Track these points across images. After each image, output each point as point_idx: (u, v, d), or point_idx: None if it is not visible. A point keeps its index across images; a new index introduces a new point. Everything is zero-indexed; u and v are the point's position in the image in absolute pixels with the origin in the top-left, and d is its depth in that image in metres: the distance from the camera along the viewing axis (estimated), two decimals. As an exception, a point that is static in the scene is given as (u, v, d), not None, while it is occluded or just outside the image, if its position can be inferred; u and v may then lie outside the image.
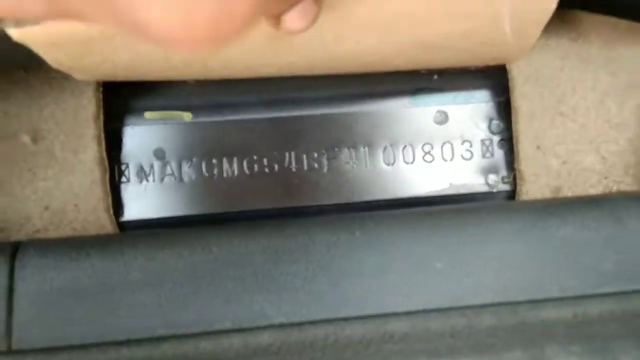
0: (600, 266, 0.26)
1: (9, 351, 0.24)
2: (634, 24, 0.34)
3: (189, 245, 0.26)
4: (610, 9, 0.31)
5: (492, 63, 0.34)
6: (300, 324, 0.24)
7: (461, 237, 0.26)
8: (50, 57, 0.26)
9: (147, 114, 0.35)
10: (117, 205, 0.34)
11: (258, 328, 0.24)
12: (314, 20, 0.23)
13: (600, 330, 0.24)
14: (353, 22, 0.26)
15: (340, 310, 0.24)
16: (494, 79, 0.36)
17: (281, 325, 0.24)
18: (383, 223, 0.27)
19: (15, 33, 0.23)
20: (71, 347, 0.24)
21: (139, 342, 0.24)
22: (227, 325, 0.24)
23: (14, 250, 0.26)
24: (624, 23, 0.34)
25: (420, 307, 0.25)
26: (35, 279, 0.25)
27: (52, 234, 0.33)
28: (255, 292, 0.25)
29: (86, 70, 0.28)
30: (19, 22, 0.23)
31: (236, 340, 0.24)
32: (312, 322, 0.24)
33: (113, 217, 0.34)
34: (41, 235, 0.32)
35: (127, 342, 0.24)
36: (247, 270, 0.25)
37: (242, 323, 0.24)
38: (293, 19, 0.22)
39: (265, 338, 0.24)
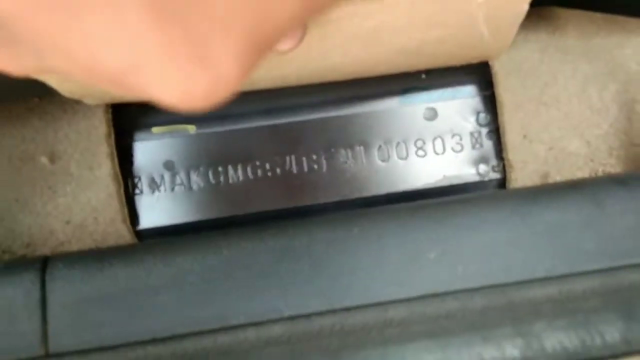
0: (582, 246, 0.28)
1: (47, 355, 0.26)
2: (609, 15, 0.36)
3: (202, 249, 0.28)
4: (582, 3, 0.33)
5: (473, 62, 0.36)
6: (307, 316, 0.26)
7: (451, 228, 0.28)
8: (62, 88, 0.28)
9: (155, 129, 0.37)
10: (133, 216, 0.37)
11: (270, 321, 0.26)
12: (301, 40, 0.25)
13: (583, 305, 0.26)
14: (338, 37, 0.28)
15: (343, 301, 0.27)
16: (479, 74, 0.38)
17: (290, 318, 0.26)
18: (378, 219, 0.29)
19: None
20: (102, 349, 0.26)
21: (163, 340, 0.26)
22: (242, 320, 0.26)
23: (44, 264, 0.29)
24: (598, 15, 0.36)
25: (416, 294, 0.27)
26: (65, 290, 0.27)
27: (75, 245, 0.35)
28: (264, 288, 0.27)
29: (95, 96, 0.30)
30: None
31: (251, 333, 0.26)
32: (318, 313, 0.26)
33: (130, 226, 0.36)
34: (65, 248, 0.35)
35: (153, 341, 0.26)
36: (256, 269, 0.27)
37: (254, 317, 0.26)
38: (282, 41, 0.25)
39: (276, 330, 0.26)
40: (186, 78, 0.13)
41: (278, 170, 0.38)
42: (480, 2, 0.27)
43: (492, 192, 0.37)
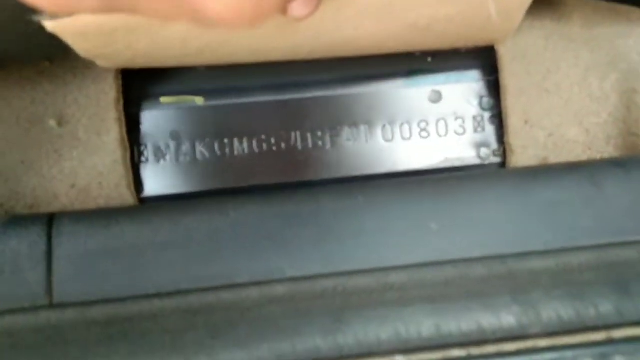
0: (579, 223, 0.29)
1: (51, 305, 0.27)
2: (613, 5, 0.37)
3: (209, 211, 0.29)
4: (588, -10, 0.34)
5: (480, 44, 0.36)
6: (310, 277, 0.27)
7: (454, 201, 0.29)
8: (78, 46, 0.29)
9: (163, 99, 0.38)
10: (138, 183, 0.37)
11: (273, 281, 0.27)
12: (316, 8, 0.25)
13: (579, 278, 0.27)
14: (351, 9, 0.29)
15: (346, 265, 0.27)
16: (484, 59, 0.39)
17: (293, 279, 0.27)
18: (383, 190, 0.30)
19: (49, 25, 0.26)
20: (107, 301, 0.27)
21: (167, 295, 0.26)
22: (246, 279, 0.27)
23: (50, 220, 0.29)
24: (603, 4, 0.37)
25: (417, 262, 0.27)
26: (71, 243, 0.28)
27: (78, 209, 0.36)
28: (270, 250, 0.28)
29: (109, 58, 0.31)
30: (54, 16, 0.26)
31: (254, 292, 0.26)
32: (321, 276, 0.27)
33: (134, 193, 0.36)
34: (70, 210, 0.35)
35: (157, 295, 0.26)
36: (262, 232, 0.28)
37: (258, 277, 0.27)
38: (299, 6, 0.25)
39: (279, 289, 0.27)
40: None
41: (283, 145, 0.38)
42: (490, -19, 0.28)
43: (494, 170, 0.37)
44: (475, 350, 0.26)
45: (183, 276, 0.27)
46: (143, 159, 0.38)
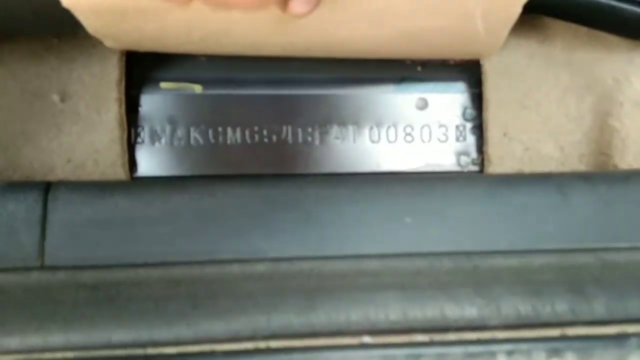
0: (543, 228, 0.31)
1: (42, 267, 0.28)
2: (592, 32, 0.39)
3: (198, 190, 0.30)
4: (569, 15, 0.36)
5: (467, 57, 0.39)
6: (289, 259, 0.29)
7: (429, 199, 0.31)
8: (88, 23, 0.30)
9: (163, 84, 0.40)
10: (132, 163, 0.39)
11: (254, 260, 0.28)
12: (315, 6, 0.27)
13: (539, 277, 0.29)
14: (348, 13, 0.31)
15: (324, 250, 0.29)
16: (470, 73, 0.41)
17: (274, 259, 0.29)
18: (364, 184, 0.32)
19: (65, 0, 0.28)
20: (95, 266, 0.28)
21: (154, 265, 0.28)
22: (229, 256, 0.28)
23: (47, 187, 0.30)
24: (583, 30, 0.39)
25: (390, 252, 0.29)
26: (65, 210, 0.29)
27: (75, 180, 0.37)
28: (253, 231, 0.29)
29: (117, 37, 0.33)
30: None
31: (236, 268, 0.28)
32: (300, 258, 0.29)
33: (128, 172, 0.38)
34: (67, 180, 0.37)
35: (144, 265, 0.28)
36: (247, 213, 0.30)
37: (241, 255, 0.29)
38: (298, 3, 0.27)
39: (259, 268, 0.28)
40: None
41: (274, 138, 0.40)
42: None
43: (470, 174, 0.39)
44: (437, 337, 0.27)
45: (170, 249, 0.29)
46: (139, 140, 0.39)
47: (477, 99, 0.41)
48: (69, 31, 0.37)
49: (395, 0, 0.30)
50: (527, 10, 0.31)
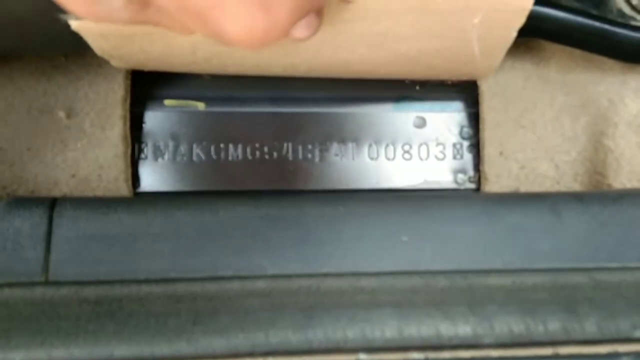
0: (537, 247, 0.31)
1: (47, 282, 0.29)
2: (587, 54, 0.40)
3: (200, 208, 0.31)
4: (564, 38, 0.37)
5: (464, 78, 0.40)
6: (289, 276, 0.29)
7: (425, 217, 0.32)
8: (96, 45, 0.31)
9: (167, 102, 0.41)
10: (135, 178, 0.39)
11: (254, 276, 0.29)
12: (316, 31, 0.28)
13: (532, 296, 0.30)
14: (348, 36, 0.32)
15: (322, 268, 0.30)
16: (467, 92, 0.42)
17: (273, 276, 0.29)
18: (363, 202, 0.33)
19: (75, 24, 0.28)
20: (98, 282, 0.29)
21: (155, 281, 0.29)
22: (229, 272, 0.29)
23: (52, 203, 0.31)
24: (578, 52, 0.40)
25: (387, 270, 0.30)
26: (70, 227, 0.30)
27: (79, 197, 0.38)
28: (253, 248, 0.30)
29: (123, 58, 0.34)
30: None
31: (236, 285, 0.29)
32: (299, 275, 0.29)
33: (131, 187, 0.39)
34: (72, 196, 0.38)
35: (146, 281, 0.29)
36: (247, 231, 0.30)
37: (241, 272, 0.29)
38: (300, 28, 0.28)
39: (259, 284, 0.29)
40: (252, 19, 0.17)
41: (275, 155, 0.41)
42: (475, 23, 0.31)
43: (466, 193, 0.40)
44: (432, 354, 0.28)
45: (171, 265, 0.29)
46: (142, 155, 0.40)
47: (474, 118, 0.42)
48: (76, 50, 0.38)
49: (395, 24, 0.31)
50: (522, 33, 0.32)
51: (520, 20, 0.31)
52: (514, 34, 0.32)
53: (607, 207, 0.33)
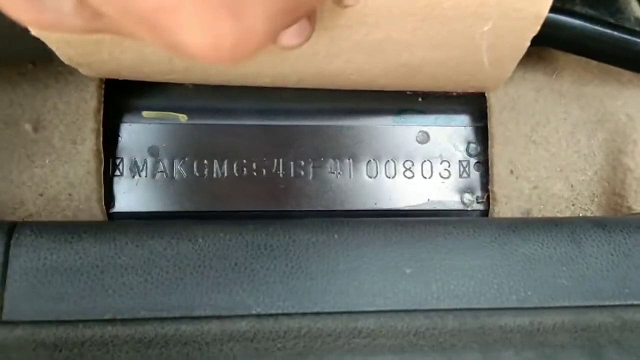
0: (556, 281, 0.28)
1: (0, 321, 0.25)
2: (603, 65, 0.37)
3: (177, 235, 0.28)
4: (579, 49, 0.34)
5: (471, 90, 0.36)
6: (275, 315, 0.26)
7: (431, 247, 0.28)
8: (61, 52, 0.28)
9: (145, 113, 0.37)
10: (109, 197, 0.36)
11: (236, 316, 0.25)
12: (307, 39, 0.25)
13: (552, 339, 0.26)
14: (344, 43, 0.28)
15: (314, 306, 0.26)
16: (474, 105, 0.39)
17: (258, 315, 0.26)
18: (359, 229, 0.29)
19: (34, 29, 0.25)
20: (59, 322, 0.25)
21: (123, 321, 0.25)
22: (208, 311, 0.25)
23: (11, 228, 0.27)
24: (594, 63, 0.37)
25: (388, 308, 0.26)
26: (29, 257, 0.26)
27: (45, 220, 0.34)
28: (235, 283, 0.26)
29: (93, 66, 0.30)
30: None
31: (214, 326, 0.25)
32: (287, 314, 0.26)
33: (104, 207, 0.35)
34: (34, 220, 0.34)
35: (113, 321, 0.25)
36: (230, 262, 0.27)
37: (221, 311, 0.26)
38: (289, 35, 0.25)
39: (242, 325, 0.25)
40: (218, 26, 0.13)
41: (264, 172, 0.38)
42: (484, 30, 0.28)
43: (475, 218, 0.37)
44: (440, 408, 0.24)
45: (141, 303, 0.26)
46: (117, 172, 0.36)
47: (482, 133, 0.39)
48: (45, 57, 0.34)
49: (396, 31, 0.27)
50: (535, 42, 0.29)
51: (535, 29, 0.28)
52: (527, 43, 0.29)
53: (631, 235, 0.29)
